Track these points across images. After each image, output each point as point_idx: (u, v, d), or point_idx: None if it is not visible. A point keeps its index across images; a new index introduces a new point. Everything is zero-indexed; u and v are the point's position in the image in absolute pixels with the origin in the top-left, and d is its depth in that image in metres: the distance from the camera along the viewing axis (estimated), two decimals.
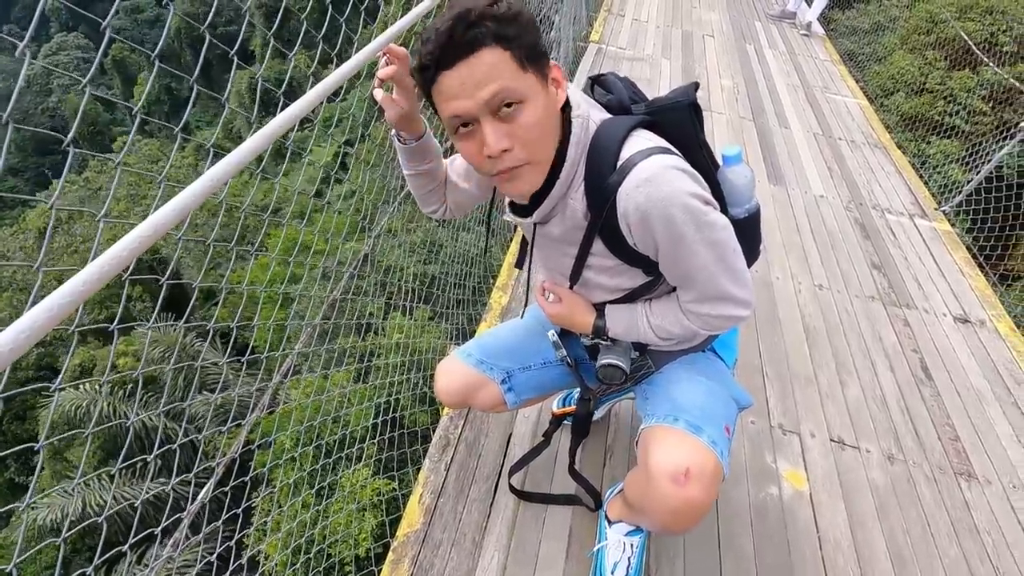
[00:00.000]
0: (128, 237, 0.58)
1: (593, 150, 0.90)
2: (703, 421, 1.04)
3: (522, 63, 0.80)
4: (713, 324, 1.00)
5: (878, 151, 3.96)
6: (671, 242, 0.88)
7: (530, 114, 0.82)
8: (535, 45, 0.82)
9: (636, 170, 0.85)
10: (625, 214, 0.88)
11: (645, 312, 1.05)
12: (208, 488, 1.32)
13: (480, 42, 0.78)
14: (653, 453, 1.02)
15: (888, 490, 1.79)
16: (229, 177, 0.76)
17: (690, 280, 0.94)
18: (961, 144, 5.60)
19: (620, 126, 0.91)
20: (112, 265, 0.56)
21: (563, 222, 0.97)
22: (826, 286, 2.62)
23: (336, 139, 10.75)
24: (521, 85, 0.80)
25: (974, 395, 2.17)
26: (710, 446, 1.01)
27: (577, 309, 1.10)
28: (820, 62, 5.36)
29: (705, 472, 0.98)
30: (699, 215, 0.86)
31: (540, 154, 0.87)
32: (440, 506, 1.56)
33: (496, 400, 1.32)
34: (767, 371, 2.13)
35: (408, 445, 2.55)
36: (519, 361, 1.32)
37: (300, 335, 2.10)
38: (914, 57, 6.29)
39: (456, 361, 1.34)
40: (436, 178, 1.16)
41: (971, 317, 2.57)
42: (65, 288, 0.52)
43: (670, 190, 0.84)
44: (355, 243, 6.47)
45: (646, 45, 4.94)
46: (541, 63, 0.83)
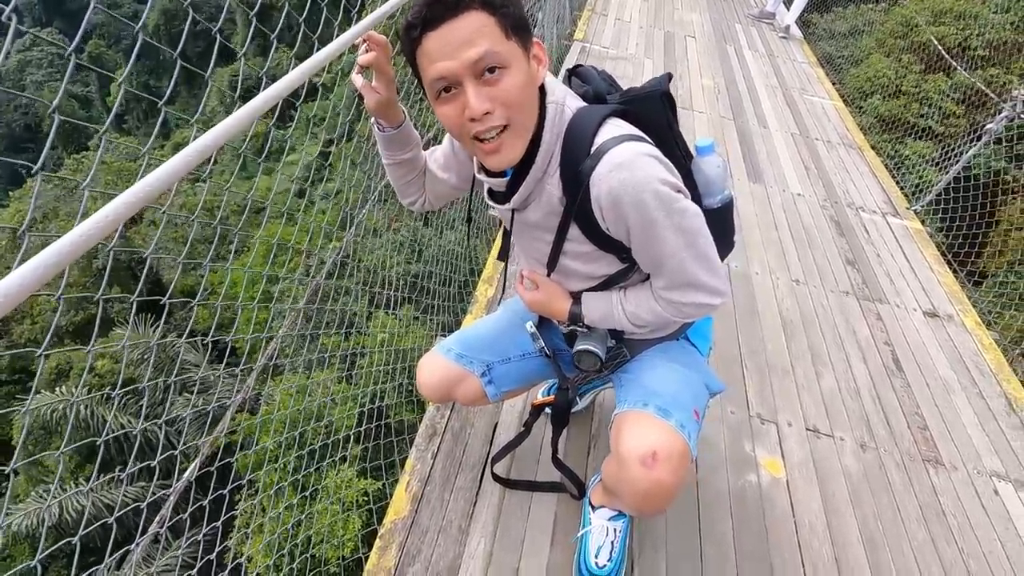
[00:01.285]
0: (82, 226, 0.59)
1: (568, 136, 0.92)
2: (671, 405, 1.07)
3: (506, 31, 0.82)
4: (685, 311, 1.02)
5: (853, 152, 4.07)
6: (642, 227, 0.90)
7: (512, 79, 0.83)
8: (520, 16, 0.84)
9: (609, 155, 0.87)
10: (598, 198, 0.90)
11: (620, 300, 1.07)
12: (177, 488, 1.32)
13: (467, 4, 0.79)
14: (623, 437, 1.06)
15: (861, 477, 1.85)
16: (206, 156, 0.76)
17: (661, 266, 0.97)
18: (935, 145, 5.76)
19: (595, 113, 0.93)
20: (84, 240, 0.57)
21: (540, 207, 0.99)
22: (803, 281, 2.70)
23: (318, 137, 10.69)
24: (505, 51, 0.82)
25: (942, 386, 2.25)
26: (678, 429, 1.04)
27: (554, 296, 1.12)
28: (798, 64, 5.48)
29: (673, 455, 1.01)
30: (670, 201, 0.89)
31: (521, 118, 0.87)
32: (427, 494, 1.59)
33: (477, 393, 1.34)
34: (746, 363, 2.19)
35: (395, 445, 2.56)
36: (498, 354, 1.34)
37: (281, 326, 2.10)
38: (890, 60, 6.45)
39: (436, 356, 1.36)
40: (415, 168, 1.18)
41: (940, 312, 2.66)
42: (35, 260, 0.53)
43: (642, 176, 0.86)
44: (337, 242, 6.43)
45: (629, 44, 5.01)
46: (524, 36, 0.85)
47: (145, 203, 0.64)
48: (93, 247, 0.64)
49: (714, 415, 1.95)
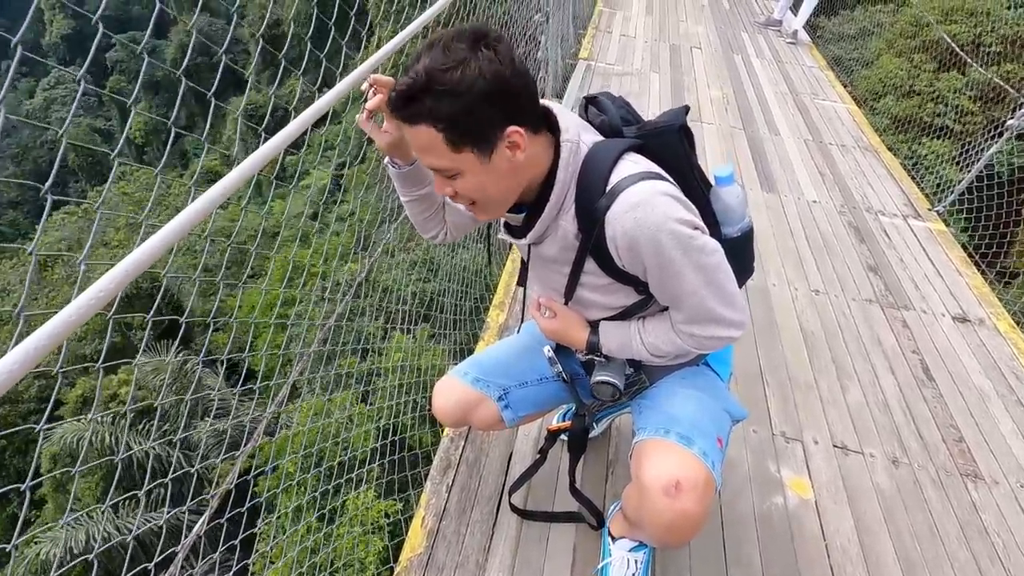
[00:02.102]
0: (104, 279, 0.58)
1: (584, 173, 0.91)
2: (694, 433, 1.04)
3: (454, 143, 0.81)
4: (705, 344, 1.00)
5: (869, 154, 3.99)
6: (659, 267, 0.89)
7: (466, 183, 0.86)
8: (475, 124, 0.81)
9: (624, 195, 0.86)
10: (613, 238, 0.89)
11: (638, 330, 1.05)
12: (203, 521, 1.31)
13: (417, 118, 0.81)
14: (645, 466, 1.02)
15: (894, 494, 1.77)
16: (209, 212, 0.77)
17: (679, 303, 0.95)
18: (952, 144, 5.64)
19: (611, 149, 0.91)
20: (82, 313, 0.56)
21: (555, 242, 0.98)
22: (822, 291, 2.63)
23: (330, 161, 10.85)
24: (453, 164, 0.84)
25: (977, 394, 2.16)
26: (701, 458, 1.00)
27: (572, 325, 1.10)
28: (807, 69, 5.42)
29: (698, 484, 0.98)
30: (687, 240, 0.87)
31: (486, 201, 0.91)
32: (443, 528, 1.55)
33: (493, 418, 1.32)
34: (767, 379, 2.13)
35: (411, 466, 2.54)
36: (515, 378, 1.32)
37: (298, 359, 2.10)
38: (901, 60, 6.36)
39: (452, 380, 1.34)
40: (433, 202, 1.17)
41: (970, 316, 2.56)
42: (39, 333, 0.53)
43: (658, 216, 0.85)
44: (353, 264, 6.49)
45: (634, 60, 5.01)
46: (482, 139, 0.82)
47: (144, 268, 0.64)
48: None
49: (736, 435, 1.88)
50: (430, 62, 0.78)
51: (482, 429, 1.39)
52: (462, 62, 0.77)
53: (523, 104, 0.84)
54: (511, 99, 0.82)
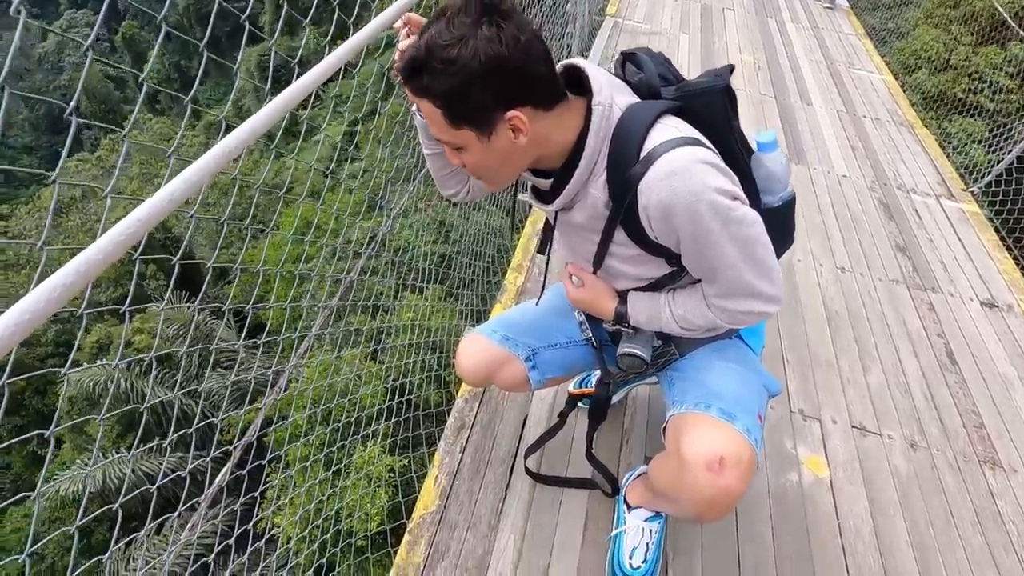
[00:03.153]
0: (130, 217, 0.55)
1: (616, 137, 0.86)
2: (736, 408, 1.01)
3: (453, 121, 0.81)
4: (739, 319, 0.96)
5: (904, 129, 3.84)
6: (694, 239, 0.85)
7: (469, 157, 0.87)
8: (469, 105, 0.79)
9: (660, 162, 0.81)
10: (646, 207, 0.85)
11: (668, 302, 1.02)
12: (226, 471, 1.32)
13: (418, 91, 0.81)
14: (686, 440, 0.99)
15: (911, 477, 1.75)
16: (240, 151, 0.73)
17: (715, 276, 0.91)
18: (985, 123, 5.42)
19: (646, 113, 0.86)
20: (114, 247, 0.53)
21: (584, 210, 0.94)
22: (848, 268, 2.56)
23: (347, 116, 10.66)
24: (454, 139, 0.84)
25: (1000, 382, 2.11)
26: (744, 434, 0.98)
27: (600, 294, 1.07)
28: (844, 36, 5.17)
29: (742, 460, 0.95)
30: (726, 211, 0.82)
31: (491, 176, 0.92)
32: (456, 488, 1.56)
33: (520, 378, 1.30)
34: (787, 356, 2.09)
35: (420, 424, 2.56)
36: (544, 339, 1.29)
37: (315, 315, 2.09)
38: (939, 32, 6.07)
39: (480, 338, 1.31)
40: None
41: (998, 302, 2.49)
42: (66, 269, 0.50)
43: (695, 185, 0.80)
44: (367, 222, 6.44)
45: (663, 19, 4.80)
46: (479, 120, 0.81)
47: (171, 210, 0.60)
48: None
49: None
50: (433, 35, 0.76)
51: (507, 389, 1.37)
52: (460, 40, 0.74)
53: (527, 85, 0.80)
54: (509, 81, 0.78)
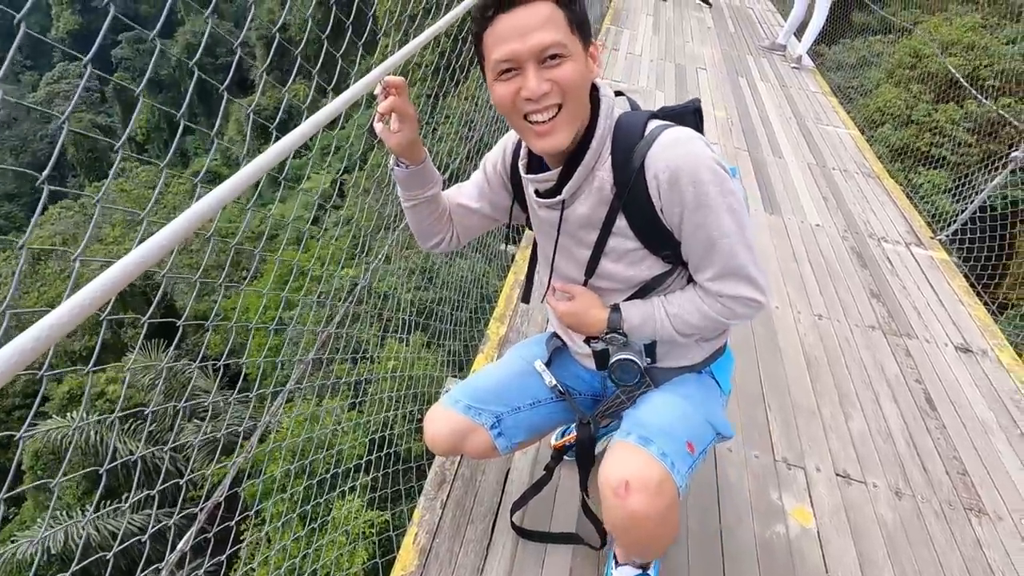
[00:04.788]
0: (99, 279, 0.54)
1: (619, 128, 0.98)
2: (655, 434, 1.03)
3: (571, 25, 0.88)
4: (732, 309, 1.01)
5: (871, 180, 4.00)
6: (697, 204, 0.93)
7: (571, 69, 0.89)
8: (584, 16, 0.91)
9: (664, 135, 0.94)
10: (656, 176, 0.93)
11: (661, 303, 1.06)
12: (189, 536, 1.26)
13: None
14: (600, 468, 1.04)
15: (897, 527, 1.73)
16: (214, 212, 0.74)
17: (712, 249, 0.97)
18: (949, 174, 5.69)
19: (639, 114, 1.00)
20: (80, 309, 0.52)
21: (589, 198, 1.01)
22: (825, 315, 2.61)
23: (334, 166, 10.83)
24: (569, 42, 0.88)
25: (980, 427, 2.13)
26: (658, 458, 1.00)
27: (590, 303, 1.10)
28: (811, 94, 5.46)
29: (648, 484, 0.97)
30: (722, 179, 0.93)
31: (573, 104, 0.92)
32: (436, 546, 1.50)
33: (487, 446, 1.27)
34: (769, 403, 2.10)
35: (402, 476, 2.48)
36: (508, 403, 1.27)
37: (296, 360, 2.06)
38: (900, 90, 6.44)
39: (444, 408, 1.29)
40: (437, 205, 1.16)
41: (973, 347, 2.55)
42: (25, 335, 0.49)
43: (698, 151, 0.92)
44: (350, 269, 6.44)
45: (640, 78, 5.03)
46: (586, 33, 0.92)
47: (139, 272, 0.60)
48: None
49: (738, 459, 1.85)
50: None
51: (476, 458, 1.38)
52: None
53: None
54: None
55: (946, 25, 6.69)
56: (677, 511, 1.04)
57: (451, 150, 3.10)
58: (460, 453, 1.34)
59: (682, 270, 1.06)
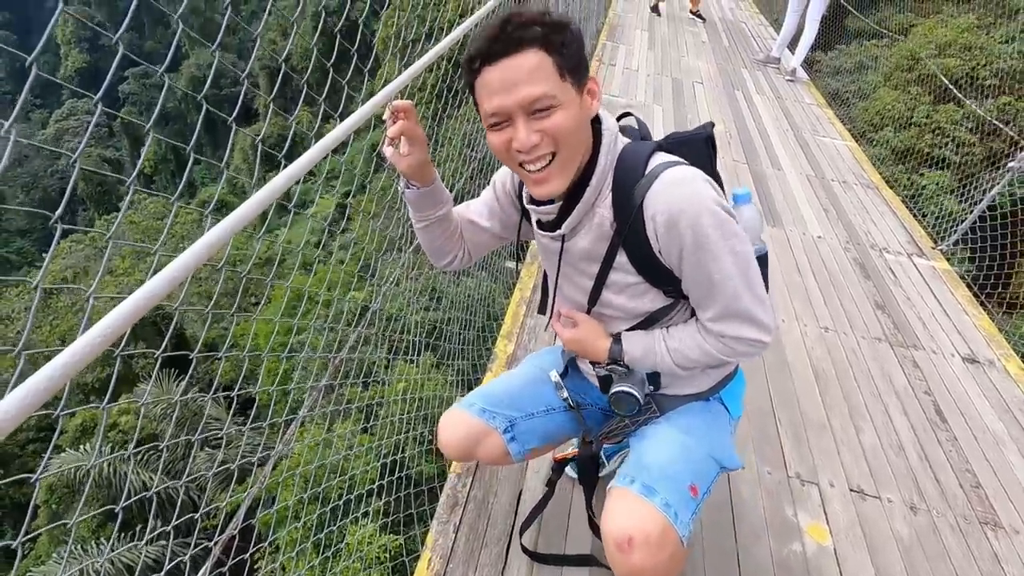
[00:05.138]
0: (105, 320, 0.57)
1: (621, 163, 0.96)
2: (659, 482, 1.02)
3: (562, 72, 0.86)
4: (734, 348, 1.00)
5: (871, 191, 4.03)
6: (696, 247, 0.91)
7: (562, 118, 0.87)
8: (578, 57, 0.88)
9: (665, 174, 0.91)
10: (653, 217, 0.92)
11: (663, 336, 1.05)
12: (205, 570, 1.29)
13: (527, 42, 0.84)
14: (604, 517, 1.03)
15: (914, 542, 1.73)
16: (224, 242, 0.76)
17: (713, 291, 0.96)
18: (952, 175, 5.70)
19: (644, 147, 0.97)
20: (91, 348, 0.55)
21: (589, 233, 1.01)
22: (832, 328, 2.62)
23: (338, 191, 10.96)
24: (558, 92, 0.86)
25: (991, 438, 2.12)
26: (661, 509, 0.99)
27: (593, 333, 1.11)
28: (807, 106, 5.52)
29: (650, 539, 0.96)
30: (724, 222, 0.91)
31: (567, 151, 0.91)
32: (450, 571, 1.51)
33: (500, 451, 1.27)
34: (779, 417, 2.10)
35: (415, 499, 2.49)
36: (522, 409, 1.28)
37: (309, 387, 2.08)
38: (898, 93, 6.48)
39: (458, 412, 1.29)
40: (448, 224, 1.17)
41: (979, 357, 2.54)
42: (39, 375, 0.52)
43: (698, 194, 0.90)
44: (357, 292, 6.49)
45: (637, 92, 5.10)
46: (580, 75, 0.89)
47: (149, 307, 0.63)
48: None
49: (751, 476, 1.86)
50: (526, 10, 0.85)
51: (489, 463, 1.36)
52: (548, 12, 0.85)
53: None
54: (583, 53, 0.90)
55: (941, 27, 6.75)
56: (681, 555, 1.03)
57: (456, 170, 3.16)
58: (473, 458, 1.32)
59: (685, 303, 1.06)
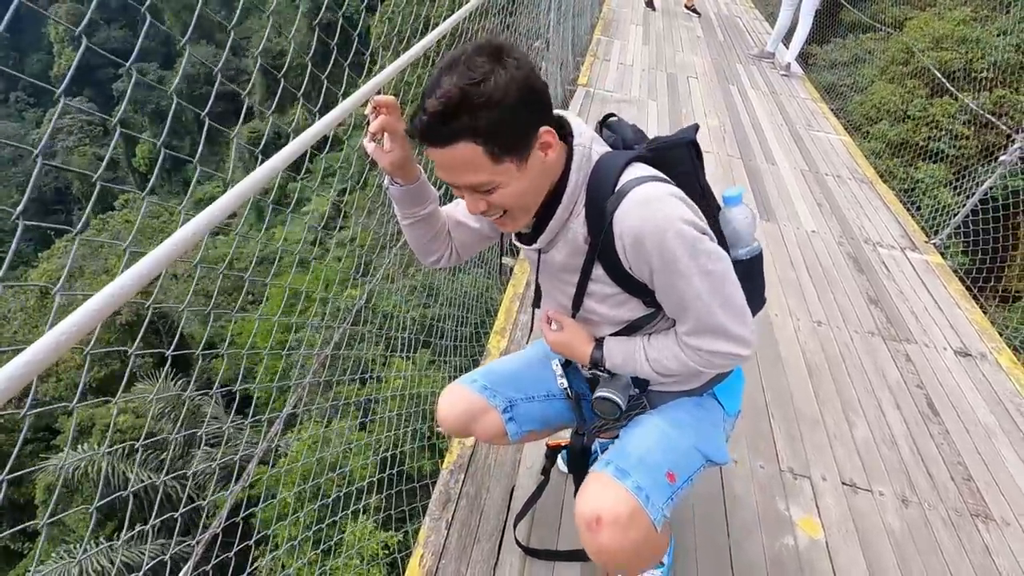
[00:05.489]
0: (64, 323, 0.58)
1: (594, 177, 0.93)
2: (633, 466, 1.03)
3: (496, 157, 0.83)
4: (711, 361, 0.99)
5: (864, 186, 4.03)
6: (664, 268, 0.90)
7: (504, 192, 0.88)
8: (512, 132, 0.83)
9: (633, 193, 0.89)
10: (620, 236, 0.90)
11: (643, 345, 1.05)
12: (194, 557, 1.28)
13: (456, 136, 0.81)
14: (577, 499, 1.05)
15: (905, 535, 1.74)
16: (200, 236, 0.76)
17: (685, 310, 0.95)
18: (948, 168, 5.70)
19: (620, 157, 0.94)
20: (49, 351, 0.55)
21: (565, 247, 1.00)
22: (824, 322, 2.62)
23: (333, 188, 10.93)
24: (494, 176, 0.85)
25: (983, 431, 2.13)
26: (632, 491, 0.99)
27: (577, 337, 1.10)
28: (801, 101, 5.51)
29: (619, 519, 0.97)
30: (693, 241, 0.88)
31: (518, 209, 0.92)
32: (442, 568, 1.52)
33: (497, 429, 1.28)
34: (772, 412, 2.11)
35: (411, 495, 2.50)
36: (523, 390, 1.30)
37: (294, 390, 2.08)
38: (894, 87, 6.47)
39: (460, 386, 1.30)
40: (435, 222, 1.16)
41: (971, 351, 2.55)
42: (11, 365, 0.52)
43: (666, 213, 0.87)
44: (352, 289, 6.48)
45: (632, 87, 5.09)
46: (520, 147, 0.85)
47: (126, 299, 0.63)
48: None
49: (744, 471, 1.86)
50: (458, 80, 0.79)
51: (485, 440, 1.36)
52: (491, 73, 0.79)
53: (549, 104, 0.88)
54: (539, 100, 0.86)
55: (937, 20, 6.74)
56: (654, 539, 1.03)
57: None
58: (469, 434, 1.32)
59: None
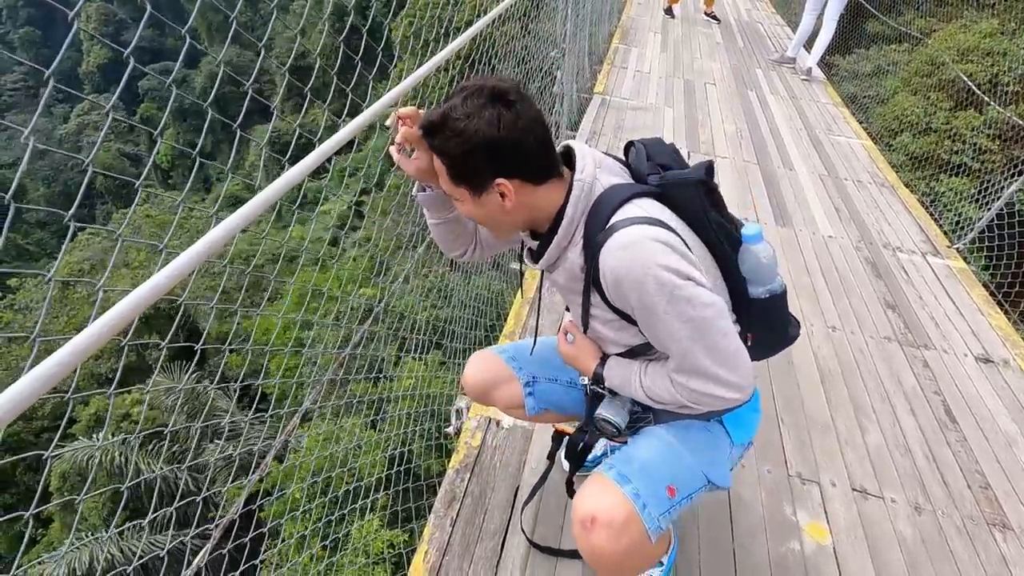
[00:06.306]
0: (108, 314, 0.59)
1: (593, 209, 0.96)
2: (635, 474, 1.04)
3: (454, 177, 0.94)
4: (700, 400, 0.96)
5: (885, 190, 3.96)
6: (643, 311, 0.92)
7: (464, 208, 0.99)
8: (466, 169, 0.92)
9: (618, 234, 0.90)
10: (603, 275, 0.93)
11: (640, 371, 1.05)
12: (204, 552, 1.30)
13: (434, 148, 0.94)
14: (575, 498, 1.06)
15: (917, 543, 1.69)
16: (226, 241, 0.78)
17: (668, 349, 0.96)
18: (971, 181, 5.59)
19: (623, 192, 0.96)
20: (95, 340, 0.57)
21: (564, 272, 1.03)
22: (839, 328, 2.58)
23: (351, 188, 11.05)
24: (453, 192, 0.97)
25: (1003, 439, 2.08)
26: (631, 497, 1.00)
27: (584, 352, 1.13)
28: (822, 105, 5.44)
29: (613, 522, 0.98)
30: (672, 288, 0.88)
31: (490, 228, 1.04)
32: (445, 564, 1.51)
33: (516, 399, 1.34)
34: (782, 417, 2.07)
35: (417, 493, 2.50)
36: (547, 372, 1.36)
37: (313, 381, 2.10)
38: (917, 98, 6.37)
39: (489, 353, 1.38)
40: (463, 221, 1.18)
41: (993, 357, 2.49)
42: (50, 361, 0.53)
43: (645, 259, 0.88)
44: (368, 289, 6.52)
45: (649, 94, 5.07)
46: (475, 183, 0.93)
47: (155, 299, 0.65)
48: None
49: (751, 475, 1.83)
50: (450, 107, 0.89)
51: (503, 408, 1.41)
52: (468, 117, 0.87)
53: (518, 161, 0.91)
54: (501, 157, 0.90)
55: (963, 32, 6.63)
56: (647, 548, 1.03)
57: None
58: (488, 400, 1.39)
59: None
